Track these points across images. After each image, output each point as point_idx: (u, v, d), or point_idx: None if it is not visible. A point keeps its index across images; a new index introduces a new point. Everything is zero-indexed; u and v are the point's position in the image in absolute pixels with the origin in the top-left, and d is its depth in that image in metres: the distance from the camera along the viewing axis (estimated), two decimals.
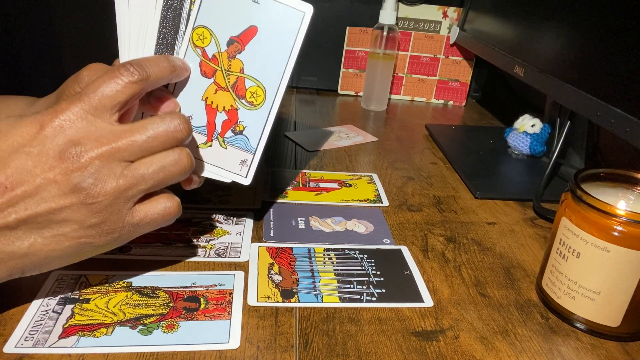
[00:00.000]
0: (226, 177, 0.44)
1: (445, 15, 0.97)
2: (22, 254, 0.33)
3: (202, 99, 0.42)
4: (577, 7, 0.56)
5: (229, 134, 0.43)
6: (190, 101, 0.42)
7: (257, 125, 0.42)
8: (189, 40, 0.41)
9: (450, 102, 1.02)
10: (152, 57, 0.38)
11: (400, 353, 0.36)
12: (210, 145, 0.43)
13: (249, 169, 0.43)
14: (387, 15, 0.88)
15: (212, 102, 0.42)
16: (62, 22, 1.33)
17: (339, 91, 1.01)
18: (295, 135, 0.78)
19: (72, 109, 0.33)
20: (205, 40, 0.41)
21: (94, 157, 0.33)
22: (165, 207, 0.37)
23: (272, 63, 0.41)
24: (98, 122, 0.34)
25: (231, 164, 0.43)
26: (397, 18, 0.94)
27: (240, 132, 0.42)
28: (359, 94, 1.01)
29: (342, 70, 1.00)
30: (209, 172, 0.44)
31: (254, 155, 0.43)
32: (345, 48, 0.98)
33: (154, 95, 0.41)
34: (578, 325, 0.40)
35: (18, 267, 0.33)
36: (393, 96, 1.02)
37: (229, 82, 0.42)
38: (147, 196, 0.37)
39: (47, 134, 0.33)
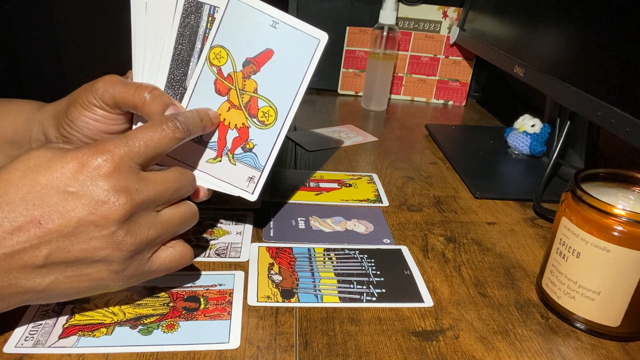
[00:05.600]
0: (233, 192, 0.44)
1: (445, 15, 0.97)
2: (40, 290, 0.32)
3: None
4: (577, 7, 0.56)
5: (238, 150, 0.43)
6: None
7: (267, 144, 0.43)
8: (206, 58, 0.42)
9: (450, 102, 1.02)
10: (190, 113, 0.40)
11: (400, 353, 0.36)
12: (220, 161, 0.44)
13: (255, 186, 0.44)
14: (387, 15, 0.88)
15: (224, 119, 0.43)
16: (62, 22, 1.33)
17: (339, 91, 1.01)
18: (295, 135, 0.78)
19: (115, 152, 0.33)
20: (221, 60, 0.42)
21: (133, 205, 0.33)
22: (181, 254, 0.38)
23: (286, 85, 0.42)
24: (138, 169, 0.35)
25: (239, 180, 0.44)
26: (397, 18, 0.94)
27: (250, 150, 0.43)
28: (359, 94, 1.01)
29: (342, 70, 1.00)
30: (216, 186, 0.44)
31: (261, 172, 0.44)
32: (345, 48, 0.98)
33: None
34: (578, 325, 0.40)
35: (32, 300, 0.33)
36: (393, 96, 1.02)
37: (242, 100, 0.43)
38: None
39: (88, 174, 0.32)
